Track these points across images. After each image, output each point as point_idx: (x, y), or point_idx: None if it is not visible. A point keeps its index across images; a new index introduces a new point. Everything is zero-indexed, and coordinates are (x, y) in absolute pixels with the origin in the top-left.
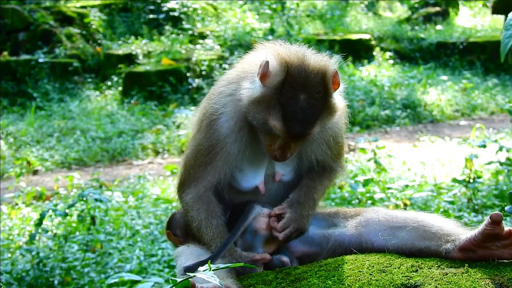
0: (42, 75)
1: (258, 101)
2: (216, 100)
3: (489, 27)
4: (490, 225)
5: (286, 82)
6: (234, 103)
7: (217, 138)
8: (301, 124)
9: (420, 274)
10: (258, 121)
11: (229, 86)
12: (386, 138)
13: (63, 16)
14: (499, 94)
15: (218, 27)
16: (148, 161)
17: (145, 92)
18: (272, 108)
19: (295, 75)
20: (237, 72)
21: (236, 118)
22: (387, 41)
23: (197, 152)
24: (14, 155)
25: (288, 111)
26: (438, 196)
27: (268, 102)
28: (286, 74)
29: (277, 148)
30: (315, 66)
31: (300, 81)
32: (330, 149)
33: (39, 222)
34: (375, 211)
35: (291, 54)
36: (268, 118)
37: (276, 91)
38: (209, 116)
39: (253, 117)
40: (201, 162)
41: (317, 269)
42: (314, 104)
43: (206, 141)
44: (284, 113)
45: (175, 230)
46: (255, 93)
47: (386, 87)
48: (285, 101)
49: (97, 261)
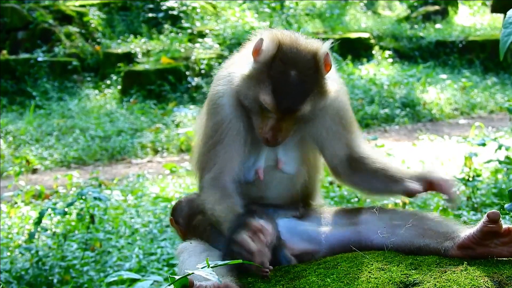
0: (41, 74)
1: (250, 76)
2: (217, 84)
3: (488, 26)
4: (488, 223)
5: (277, 57)
6: (231, 84)
7: (221, 117)
8: (291, 98)
9: (419, 272)
10: (249, 99)
11: (227, 70)
12: (386, 137)
13: (62, 15)
14: (498, 92)
15: (217, 26)
16: (147, 159)
17: (144, 91)
18: (263, 82)
19: (287, 51)
20: (234, 59)
21: (236, 98)
22: (386, 40)
23: (205, 137)
24: (13, 154)
25: (278, 85)
26: (437, 194)
27: (258, 76)
28: (277, 50)
29: (268, 129)
30: (306, 46)
31: (291, 57)
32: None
33: (38, 221)
34: (374, 209)
35: (284, 35)
36: (258, 93)
37: (267, 66)
38: (212, 100)
39: (245, 95)
40: (210, 144)
41: (316, 267)
42: (304, 80)
43: (212, 122)
44: (274, 87)
45: (178, 218)
46: (247, 70)
47: (385, 86)
48: (275, 75)
49: (96, 259)
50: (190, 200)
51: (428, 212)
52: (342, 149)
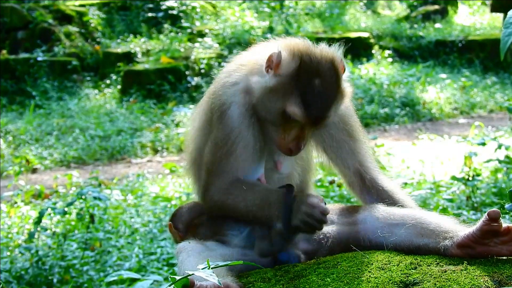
0: (41, 73)
1: (273, 90)
2: (222, 92)
3: (488, 25)
4: (488, 222)
5: (301, 69)
6: (240, 92)
7: (231, 127)
8: (319, 107)
9: (419, 272)
10: (273, 112)
11: (233, 76)
12: (385, 136)
13: (62, 14)
14: (498, 92)
15: (217, 25)
16: (147, 159)
17: (144, 90)
18: (290, 95)
19: (308, 62)
20: (238, 65)
21: (246, 106)
22: (386, 39)
23: (214, 147)
24: (13, 153)
25: (306, 96)
26: (437, 194)
27: (284, 89)
28: (300, 61)
29: (292, 139)
30: (323, 53)
31: (314, 67)
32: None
33: (38, 221)
34: (373, 208)
35: (299, 44)
36: (286, 106)
37: (293, 78)
38: (219, 109)
39: (268, 107)
40: (221, 155)
41: (316, 266)
42: (329, 88)
43: (221, 133)
44: (302, 98)
45: (177, 223)
46: (269, 83)
47: (385, 85)
48: (302, 86)
49: (96, 259)
50: (191, 207)
51: (427, 211)
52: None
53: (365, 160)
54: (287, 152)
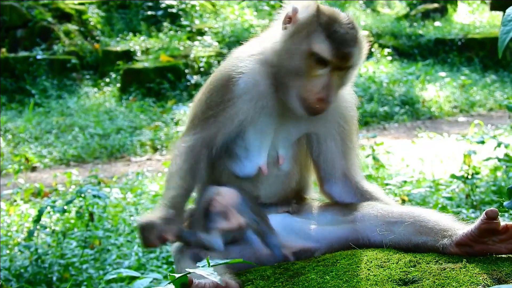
0: (41, 72)
1: (295, 34)
2: (234, 63)
3: (487, 24)
4: (486, 221)
5: (320, 12)
6: (256, 64)
7: (230, 95)
8: (345, 44)
9: (418, 269)
10: (298, 57)
11: (246, 50)
12: (385, 135)
13: (61, 13)
14: (498, 90)
15: (217, 23)
16: (146, 157)
17: (144, 88)
18: (314, 33)
19: (326, 9)
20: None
21: (257, 78)
22: (385, 38)
23: (204, 105)
24: (13, 151)
25: (331, 32)
26: (436, 192)
27: (308, 30)
28: (317, 6)
29: (322, 86)
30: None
31: (332, 14)
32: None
33: (37, 219)
34: (371, 206)
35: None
36: (311, 44)
37: (314, 17)
38: (226, 77)
39: (291, 54)
40: (207, 115)
41: (315, 264)
42: (350, 31)
43: (218, 96)
44: (328, 34)
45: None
46: (289, 31)
47: (385, 84)
48: (325, 24)
49: (95, 257)
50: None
51: (425, 209)
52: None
53: (353, 163)
54: (317, 104)
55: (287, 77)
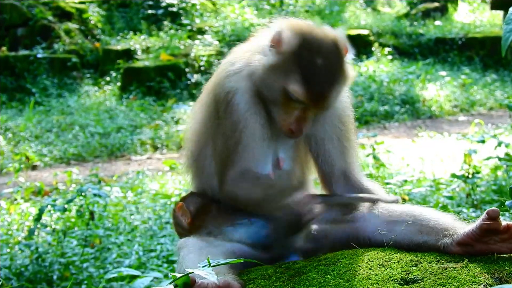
0: (41, 70)
1: (275, 67)
2: (226, 81)
3: (488, 23)
4: (487, 221)
5: (303, 46)
6: (244, 78)
7: (238, 115)
8: (320, 86)
9: (419, 269)
10: (275, 90)
11: (235, 64)
12: (385, 134)
13: (61, 11)
14: (498, 89)
15: (217, 22)
16: (146, 156)
17: (144, 87)
18: (291, 72)
19: (310, 39)
20: (239, 53)
21: (251, 92)
22: (386, 37)
23: (224, 138)
24: (13, 150)
25: (307, 73)
26: (437, 191)
27: (285, 67)
28: (302, 39)
29: (293, 120)
30: (325, 33)
31: (316, 45)
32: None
33: (38, 217)
34: (372, 205)
35: (302, 24)
36: (287, 84)
37: (294, 55)
38: (224, 98)
39: (269, 86)
40: (231, 145)
41: (316, 263)
42: (331, 67)
43: (229, 122)
44: (304, 76)
45: (189, 205)
46: (270, 60)
47: (385, 83)
48: (303, 64)
49: (96, 256)
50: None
51: (426, 207)
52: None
53: (352, 162)
54: (288, 134)
55: (267, 101)
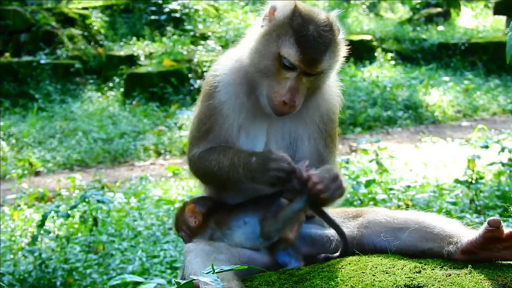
0: (44, 76)
1: (268, 34)
2: (214, 73)
3: (490, 28)
4: (490, 229)
5: (295, 13)
6: (230, 70)
7: (216, 104)
8: (314, 49)
9: (423, 275)
10: (267, 57)
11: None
12: (388, 139)
13: (64, 17)
14: (501, 95)
15: (220, 28)
16: (150, 162)
17: (147, 93)
18: (284, 35)
19: (303, 10)
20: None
21: (235, 84)
22: (388, 42)
23: (198, 122)
24: (16, 156)
25: (300, 37)
26: (440, 197)
27: (279, 32)
28: (295, 8)
29: (287, 90)
30: (318, 10)
31: (308, 15)
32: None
33: (41, 223)
34: (376, 212)
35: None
36: (280, 47)
37: (287, 21)
38: (209, 87)
39: (262, 53)
40: (203, 131)
41: (320, 270)
42: (323, 34)
43: (206, 109)
44: (297, 38)
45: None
46: (263, 29)
47: (388, 88)
48: (296, 28)
49: (99, 262)
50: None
51: (430, 214)
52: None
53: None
54: (281, 107)
55: (258, 76)
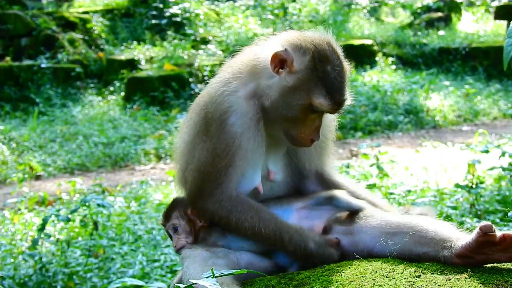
0: (45, 80)
1: (295, 87)
2: (222, 100)
3: (491, 33)
4: (482, 234)
5: (315, 59)
6: (243, 99)
7: (232, 138)
8: (341, 92)
9: (423, 279)
10: (297, 108)
11: (230, 84)
12: (389, 144)
13: (65, 21)
14: (502, 99)
15: (221, 32)
16: (150, 166)
17: (148, 97)
18: (314, 87)
19: (316, 52)
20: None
21: (250, 114)
22: (389, 47)
23: (213, 157)
24: (17, 160)
25: (328, 84)
26: (440, 201)
27: (307, 84)
28: (309, 53)
29: (314, 129)
30: (321, 39)
31: (323, 55)
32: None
33: (41, 227)
34: (368, 217)
35: (295, 37)
36: (311, 99)
37: (311, 71)
38: (219, 118)
39: (290, 106)
40: (221, 166)
41: (320, 274)
42: (341, 71)
43: (221, 143)
44: (326, 88)
45: None
46: (288, 83)
47: (389, 93)
48: (322, 76)
49: (99, 266)
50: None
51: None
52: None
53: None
54: (308, 143)
55: (279, 119)
